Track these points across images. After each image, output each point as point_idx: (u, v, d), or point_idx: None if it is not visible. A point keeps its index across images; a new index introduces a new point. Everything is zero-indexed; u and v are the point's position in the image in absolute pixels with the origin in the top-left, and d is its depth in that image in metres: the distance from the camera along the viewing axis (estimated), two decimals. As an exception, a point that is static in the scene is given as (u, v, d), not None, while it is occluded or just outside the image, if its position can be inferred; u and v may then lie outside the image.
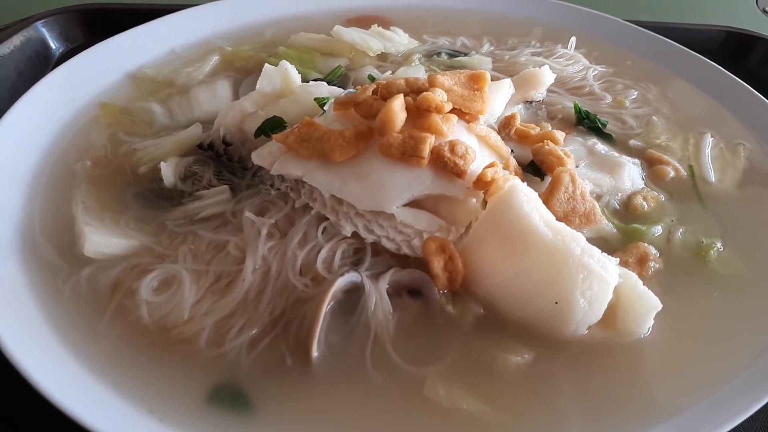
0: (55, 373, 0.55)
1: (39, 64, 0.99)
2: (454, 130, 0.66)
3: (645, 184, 0.75)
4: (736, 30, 1.10)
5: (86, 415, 0.51)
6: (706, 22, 1.17)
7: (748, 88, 0.86)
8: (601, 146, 0.77)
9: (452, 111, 0.67)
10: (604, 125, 0.80)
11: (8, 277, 0.62)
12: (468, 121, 0.69)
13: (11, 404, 0.56)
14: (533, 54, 0.89)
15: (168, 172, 0.71)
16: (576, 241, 0.59)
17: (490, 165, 0.65)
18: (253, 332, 0.59)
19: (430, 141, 0.63)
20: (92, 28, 1.04)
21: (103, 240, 0.66)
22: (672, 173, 0.76)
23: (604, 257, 0.59)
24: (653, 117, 0.84)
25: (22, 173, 0.73)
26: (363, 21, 0.96)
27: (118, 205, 0.70)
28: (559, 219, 0.64)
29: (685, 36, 1.08)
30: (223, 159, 0.74)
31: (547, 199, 0.66)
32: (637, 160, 0.77)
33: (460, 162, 0.63)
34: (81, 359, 0.57)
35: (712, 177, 0.77)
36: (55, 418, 0.51)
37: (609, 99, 0.85)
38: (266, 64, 0.78)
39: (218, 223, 0.68)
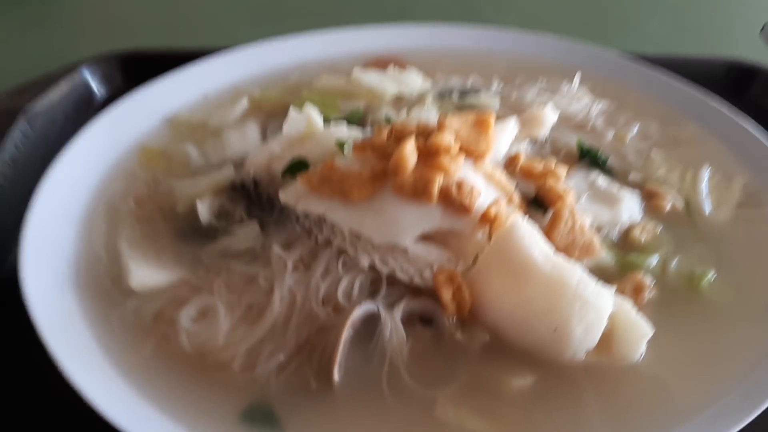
0: (107, 392, 0.62)
1: (83, 107, 1.08)
2: (461, 170, 0.72)
3: (643, 216, 0.80)
4: (739, 61, 1.14)
5: (134, 430, 0.58)
6: (711, 53, 1.21)
7: (744, 124, 0.90)
8: (601, 180, 0.83)
9: (460, 151, 0.74)
10: (605, 160, 0.86)
11: (65, 308, 0.70)
12: (475, 160, 0.75)
13: (71, 417, 0.62)
14: (539, 92, 0.94)
15: (203, 209, 0.79)
16: (573, 273, 0.64)
17: (494, 202, 0.71)
18: (281, 357, 0.66)
19: (439, 180, 0.70)
20: (131, 72, 1.11)
21: (146, 273, 0.73)
22: (669, 205, 0.81)
23: (599, 287, 0.64)
24: (653, 151, 0.88)
25: (74, 213, 0.81)
26: (381, 63, 1.03)
27: (159, 240, 0.78)
28: (559, 251, 0.70)
29: (689, 68, 1.13)
30: (252, 197, 0.81)
31: (549, 232, 0.72)
32: (635, 193, 0.82)
33: (467, 199, 0.69)
34: (129, 380, 0.64)
35: (708, 209, 0.82)
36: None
37: (611, 134, 0.90)
38: (291, 110, 0.85)
39: (249, 256, 0.75)
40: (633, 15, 1.40)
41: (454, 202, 0.69)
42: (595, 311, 0.62)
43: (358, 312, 0.66)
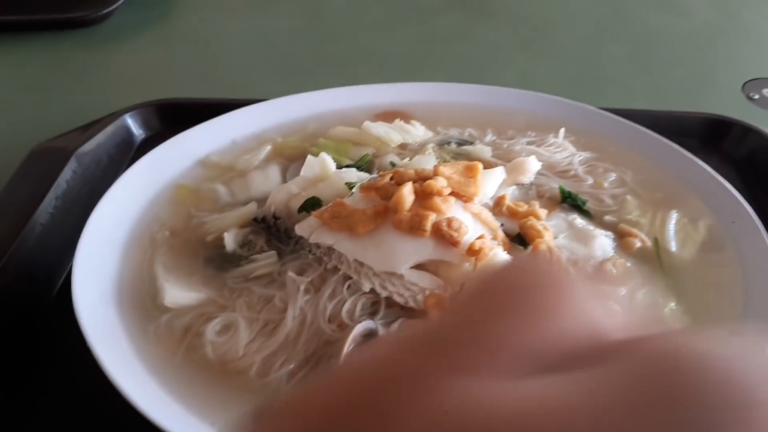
0: (142, 391, 0.72)
1: (124, 149, 1.20)
2: (452, 209, 0.84)
3: (615, 253, 0.90)
4: (715, 116, 1.25)
5: (166, 423, 0.68)
6: (694, 109, 1.32)
7: (712, 172, 1.01)
8: (579, 221, 0.93)
9: (451, 194, 0.85)
10: (584, 203, 0.96)
11: (108, 321, 0.81)
12: (465, 201, 0.87)
13: (113, 415, 0.72)
14: (528, 143, 1.06)
15: (230, 240, 0.90)
16: (544, 298, 0.74)
17: (479, 237, 0.82)
18: (291, 366, 0.76)
19: (432, 218, 0.81)
20: (168, 118, 1.23)
21: (178, 293, 0.85)
22: (639, 244, 0.91)
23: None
24: (627, 196, 0.99)
25: (117, 240, 0.93)
26: (389, 115, 1.15)
27: (190, 266, 0.90)
28: (537, 281, 0.81)
29: (671, 122, 1.24)
30: (272, 230, 0.93)
31: (528, 264, 0.82)
32: (609, 233, 0.92)
33: (455, 234, 0.80)
34: (161, 383, 0.75)
35: (674, 247, 0.92)
36: (141, 424, 0.69)
37: (590, 181, 1.01)
38: (309, 155, 0.98)
39: (267, 280, 0.86)
40: (624, 74, 1.52)
41: (444, 236, 0.80)
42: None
43: (359, 328, 0.77)
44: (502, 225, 0.89)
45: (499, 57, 1.62)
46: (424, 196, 0.84)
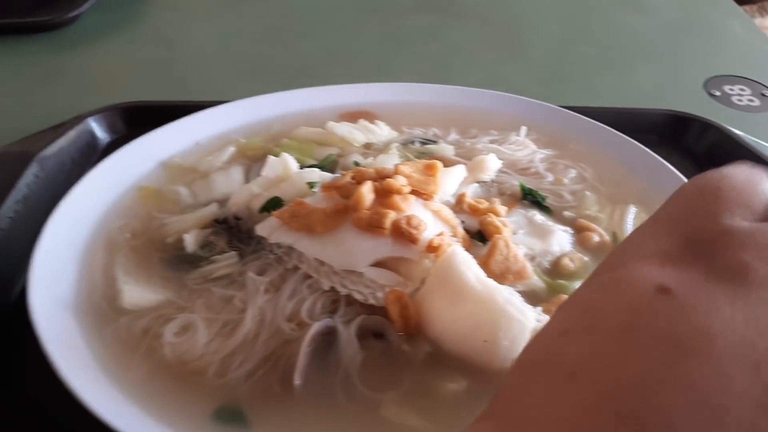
0: (100, 395, 0.71)
1: (88, 152, 1.19)
2: (411, 207, 0.84)
3: (572, 248, 0.91)
4: (676, 112, 1.28)
5: (122, 426, 0.67)
6: (656, 106, 1.34)
7: (669, 167, 1.02)
8: (539, 217, 0.94)
9: (412, 192, 0.86)
10: (544, 199, 0.97)
11: (65, 324, 0.80)
12: (425, 199, 0.87)
13: (71, 420, 0.71)
14: (490, 141, 1.07)
15: (190, 241, 0.90)
16: (500, 293, 0.75)
17: (439, 234, 0.83)
18: (250, 366, 0.76)
19: (391, 216, 0.81)
20: (133, 122, 1.22)
21: (137, 295, 0.84)
22: (597, 239, 0.92)
23: (524, 305, 0.75)
24: (587, 192, 1.00)
25: (77, 243, 0.92)
26: (353, 115, 1.16)
27: (150, 267, 0.89)
28: (495, 276, 0.81)
29: (633, 119, 1.26)
30: (234, 231, 0.92)
31: (486, 260, 0.83)
32: (567, 228, 0.94)
33: (415, 232, 0.81)
34: (119, 386, 0.74)
35: (632, 241, 0.93)
36: (99, 429, 0.68)
37: (551, 177, 1.02)
38: (270, 156, 0.98)
39: (227, 281, 0.86)
40: (589, 73, 1.54)
41: (403, 234, 0.81)
42: (519, 325, 0.73)
43: (317, 326, 0.77)
44: (462, 222, 0.90)
45: (467, 58, 1.63)
46: (384, 195, 0.84)
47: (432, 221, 0.85)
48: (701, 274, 0.28)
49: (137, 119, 1.22)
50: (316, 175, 0.97)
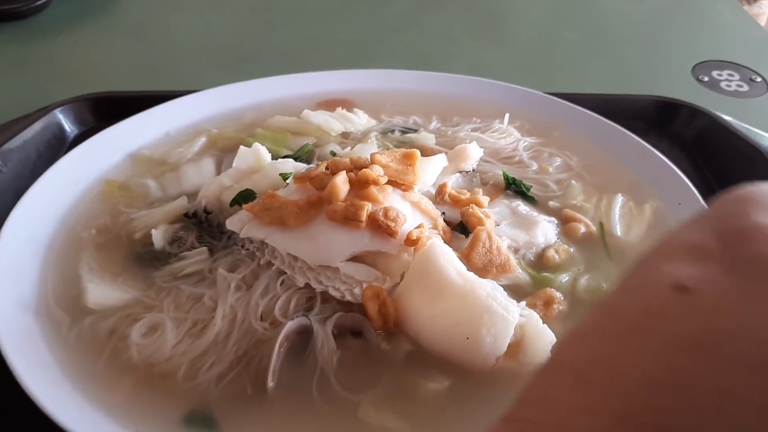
0: (62, 401, 0.68)
1: (55, 145, 1.14)
2: (389, 199, 0.80)
3: (558, 239, 0.88)
4: (664, 98, 1.24)
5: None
6: (644, 92, 1.31)
7: (657, 154, 0.99)
8: (523, 207, 0.91)
9: (389, 183, 0.82)
10: (528, 189, 0.94)
11: (25, 326, 0.76)
12: (403, 190, 0.84)
13: (32, 426, 0.67)
14: (473, 129, 1.03)
15: (158, 237, 0.86)
16: (483, 287, 0.72)
17: (418, 227, 0.79)
18: (221, 368, 0.72)
19: (368, 208, 0.77)
20: (101, 112, 1.18)
21: (103, 294, 0.80)
22: (583, 229, 0.89)
23: (507, 300, 0.72)
24: (572, 181, 0.97)
25: (39, 240, 0.87)
26: (331, 104, 1.12)
27: (116, 265, 0.85)
28: (478, 270, 0.78)
29: (621, 105, 1.23)
30: (204, 225, 0.88)
31: (468, 253, 0.80)
32: (553, 219, 0.90)
33: (392, 224, 0.77)
34: (82, 390, 0.70)
35: (619, 231, 0.90)
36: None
37: (535, 166, 0.99)
38: (241, 146, 0.94)
39: (197, 278, 0.81)
40: (575, 59, 1.51)
41: (381, 227, 0.77)
42: (503, 321, 0.70)
43: (291, 325, 0.73)
44: (443, 213, 0.86)
45: (450, 44, 1.59)
46: (360, 186, 0.80)
47: (411, 213, 0.81)
48: (723, 268, 0.29)
49: (106, 110, 1.17)
50: (290, 165, 0.93)
